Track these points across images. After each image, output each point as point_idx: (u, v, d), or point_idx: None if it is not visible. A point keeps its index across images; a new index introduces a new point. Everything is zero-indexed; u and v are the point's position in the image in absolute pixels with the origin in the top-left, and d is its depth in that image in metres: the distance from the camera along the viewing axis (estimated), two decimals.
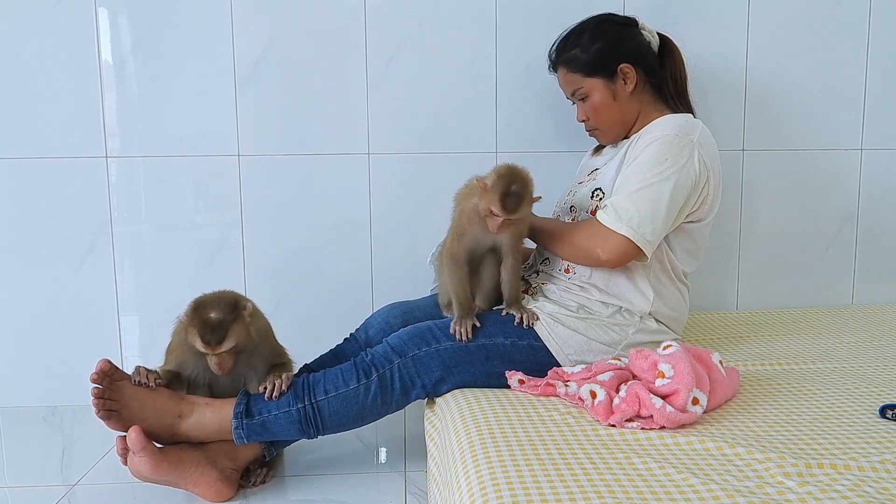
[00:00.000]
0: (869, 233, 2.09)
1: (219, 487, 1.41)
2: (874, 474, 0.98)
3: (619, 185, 1.45)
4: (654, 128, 1.49)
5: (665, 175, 1.40)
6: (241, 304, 1.40)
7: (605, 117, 1.57)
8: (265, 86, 1.92)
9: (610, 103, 1.55)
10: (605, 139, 1.65)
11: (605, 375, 1.26)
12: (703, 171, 1.44)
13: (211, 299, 1.38)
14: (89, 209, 1.93)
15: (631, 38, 1.57)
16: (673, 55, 1.62)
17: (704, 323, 1.89)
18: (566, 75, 1.59)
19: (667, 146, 1.42)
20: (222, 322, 1.35)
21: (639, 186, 1.40)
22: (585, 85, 1.56)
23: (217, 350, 1.35)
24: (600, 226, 1.41)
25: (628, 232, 1.38)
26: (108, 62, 1.89)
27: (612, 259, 1.41)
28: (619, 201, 1.41)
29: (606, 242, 1.40)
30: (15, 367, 1.98)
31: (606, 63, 1.54)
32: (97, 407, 1.37)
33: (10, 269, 1.94)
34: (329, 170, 1.95)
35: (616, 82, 1.55)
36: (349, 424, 1.43)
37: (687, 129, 1.46)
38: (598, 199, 1.51)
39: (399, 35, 1.92)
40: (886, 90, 2.03)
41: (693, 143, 1.43)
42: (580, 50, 1.55)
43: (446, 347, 1.41)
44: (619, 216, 1.39)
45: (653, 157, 1.42)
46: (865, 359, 1.54)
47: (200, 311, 1.36)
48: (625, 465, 1.01)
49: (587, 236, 1.44)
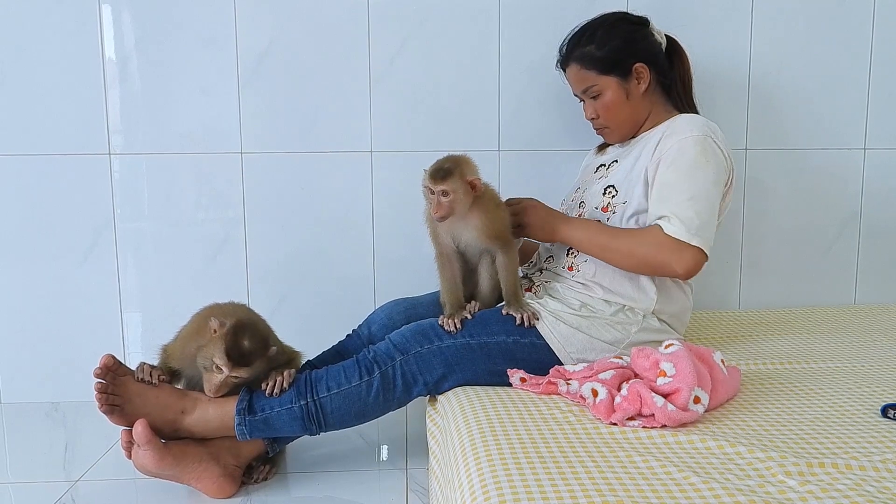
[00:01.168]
0: (872, 232, 2.08)
1: (221, 483, 1.41)
2: (875, 474, 0.98)
3: (663, 189, 1.42)
4: (677, 128, 1.47)
5: (710, 178, 1.41)
6: (270, 343, 1.42)
7: (617, 116, 1.57)
8: (268, 83, 1.92)
9: (623, 102, 1.55)
10: (613, 138, 1.64)
11: (607, 374, 1.26)
12: (730, 169, 1.48)
13: (251, 328, 1.40)
14: (92, 206, 1.94)
15: (644, 37, 1.57)
16: (681, 57, 1.62)
17: (706, 321, 1.89)
18: (579, 72, 1.57)
19: (701, 147, 1.42)
20: (253, 353, 1.38)
21: (692, 193, 1.40)
22: (599, 83, 1.55)
23: (233, 372, 1.37)
24: (668, 238, 1.39)
25: (700, 243, 1.39)
26: (111, 59, 1.90)
27: (690, 271, 1.40)
28: (679, 211, 1.39)
29: (682, 256, 1.39)
30: (18, 362, 1.98)
31: (622, 61, 1.53)
32: (100, 401, 1.37)
33: (14, 266, 1.95)
34: (332, 167, 1.95)
35: (630, 81, 1.54)
36: (351, 421, 1.44)
37: (711, 128, 1.47)
38: (610, 196, 1.51)
39: (402, 33, 1.92)
40: (890, 89, 2.03)
41: (720, 142, 1.45)
42: (595, 47, 1.54)
43: (448, 345, 1.41)
44: (688, 228, 1.38)
45: (693, 160, 1.41)
46: (867, 358, 1.54)
47: (239, 332, 1.37)
48: (626, 463, 1.01)
49: (656, 249, 1.40)
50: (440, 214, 1.40)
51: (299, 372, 1.47)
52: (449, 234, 1.48)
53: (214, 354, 1.36)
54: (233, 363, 1.36)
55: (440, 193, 1.39)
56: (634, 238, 1.44)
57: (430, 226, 1.49)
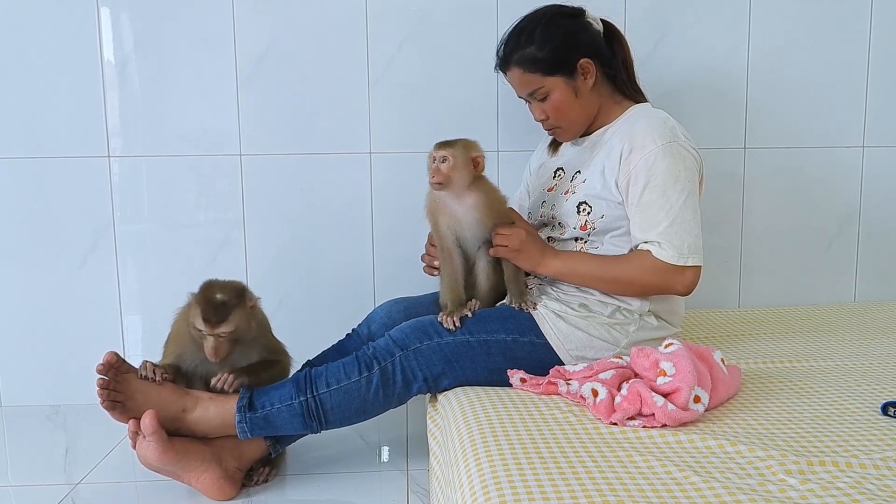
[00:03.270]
0: (871, 230, 2.08)
1: (222, 485, 1.42)
2: (876, 471, 0.98)
3: (644, 213, 1.40)
4: (638, 137, 1.43)
5: (687, 189, 1.40)
6: (247, 293, 1.46)
7: (568, 115, 1.52)
8: (267, 85, 1.92)
9: (572, 101, 1.50)
10: (565, 137, 1.60)
11: (607, 374, 1.26)
12: (700, 163, 1.46)
13: (220, 283, 1.45)
14: (92, 208, 1.94)
15: (584, 29, 1.51)
16: (620, 41, 1.56)
17: (706, 321, 1.89)
18: (522, 75, 1.51)
19: (670, 157, 1.40)
20: (226, 304, 1.40)
21: (674, 215, 1.39)
22: (545, 84, 1.49)
23: (216, 330, 1.38)
24: (665, 263, 1.39)
25: (695, 260, 1.40)
26: (110, 61, 1.90)
27: (691, 288, 1.43)
28: (667, 237, 1.39)
29: (683, 276, 1.41)
30: (18, 365, 1.98)
31: (566, 60, 1.48)
32: (102, 397, 1.39)
33: (14, 269, 1.95)
34: (331, 168, 1.95)
35: (577, 79, 1.49)
36: (352, 418, 1.44)
37: (670, 129, 1.44)
38: (586, 214, 1.48)
39: (400, 34, 1.92)
40: (888, 87, 2.03)
41: (683, 144, 1.43)
42: (536, 48, 1.48)
43: (448, 342, 1.41)
44: (681, 251, 1.39)
45: (665, 176, 1.39)
46: (867, 356, 1.54)
47: (207, 291, 1.42)
48: (626, 463, 1.01)
49: (654, 275, 1.41)
50: (436, 181, 1.40)
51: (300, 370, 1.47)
52: (448, 224, 1.47)
53: (195, 321, 1.40)
54: (211, 322, 1.38)
55: (440, 159, 1.41)
56: (630, 265, 1.43)
57: (431, 218, 1.49)
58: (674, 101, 1.98)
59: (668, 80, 1.97)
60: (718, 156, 2.01)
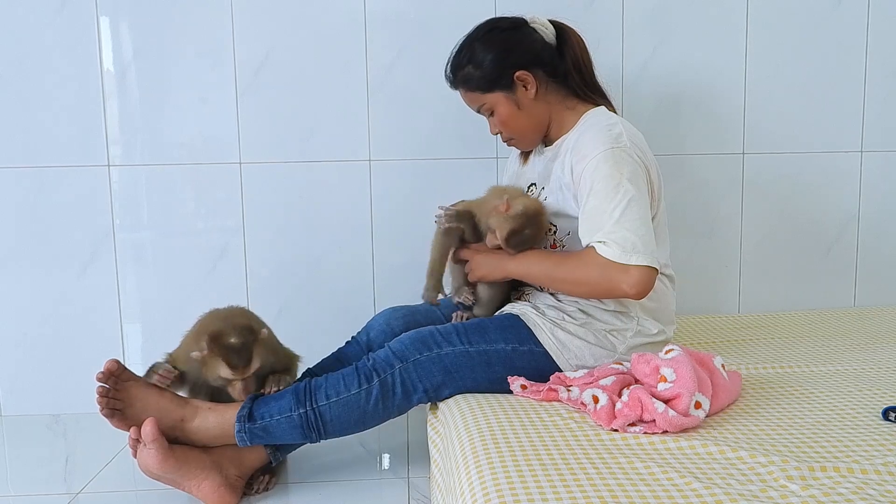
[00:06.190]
0: (870, 235, 2.09)
1: (222, 493, 1.41)
2: (877, 477, 0.98)
3: (590, 218, 1.36)
4: (583, 147, 1.41)
5: (630, 191, 1.34)
6: (254, 326, 1.45)
7: (516, 128, 1.53)
8: (266, 93, 1.92)
9: (516, 113, 1.50)
10: (524, 146, 1.60)
11: (608, 380, 1.26)
12: (643, 170, 1.40)
13: (226, 327, 1.42)
14: (92, 217, 1.94)
15: (521, 41, 1.50)
16: (571, 43, 1.52)
17: (706, 326, 1.89)
18: (466, 94, 1.53)
19: (611, 162, 1.36)
20: (245, 345, 1.40)
21: (619, 213, 1.33)
22: (487, 101, 1.50)
23: (245, 374, 1.40)
24: (607, 260, 1.33)
25: (641, 260, 1.32)
26: (109, 70, 1.90)
27: (641, 290, 1.33)
28: (613, 234, 1.33)
29: (629, 275, 1.32)
30: (18, 375, 1.98)
31: (501, 75, 1.47)
32: (101, 405, 1.39)
33: (14, 277, 1.95)
34: (330, 177, 1.96)
35: (516, 91, 1.49)
36: (351, 429, 1.43)
37: (613, 135, 1.40)
38: (553, 234, 1.48)
39: (399, 42, 1.92)
40: (886, 91, 2.03)
41: (626, 149, 1.38)
42: (473, 66, 1.49)
43: (448, 353, 1.41)
44: (624, 248, 1.32)
45: (608, 181, 1.35)
46: (868, 361, 1.54)
47: (220, 339, 1.40)
48: (627, 469, 1.01)
49: (598, 272, 1.34)
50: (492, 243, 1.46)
51: (299, 380, 1.47)
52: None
53: (220, 371, 1.39)
54: (239, 369, 1.39)
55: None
56: (577, 263, 1.38)
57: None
58: (672, 107, 1.99)
59: (666, 86, 1.97)
60: (717, 161, 2.02)
